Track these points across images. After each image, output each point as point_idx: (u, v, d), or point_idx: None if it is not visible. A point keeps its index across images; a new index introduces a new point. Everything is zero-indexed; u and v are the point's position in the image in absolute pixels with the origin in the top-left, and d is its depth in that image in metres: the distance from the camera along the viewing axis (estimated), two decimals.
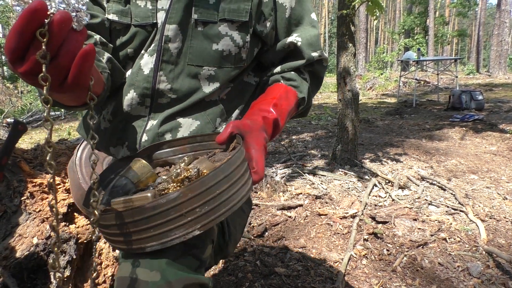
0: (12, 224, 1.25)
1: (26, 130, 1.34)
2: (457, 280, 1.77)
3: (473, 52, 32.79)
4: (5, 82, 12.48)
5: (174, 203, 0.51)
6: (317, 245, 2.12)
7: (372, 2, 2.89)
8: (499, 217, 2.36)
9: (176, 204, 0.51)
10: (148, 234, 0.53)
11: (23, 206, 1.29)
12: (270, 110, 0.74)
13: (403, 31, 22.84)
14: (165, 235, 0.53)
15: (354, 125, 3.45)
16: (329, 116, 6.60)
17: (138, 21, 0.79)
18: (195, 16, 0.77)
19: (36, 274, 1.24)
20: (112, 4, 0.80)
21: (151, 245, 0.53)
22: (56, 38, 0.44)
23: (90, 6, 0.81)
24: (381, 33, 44.33)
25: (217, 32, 0.78)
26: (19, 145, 1.45)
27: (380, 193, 2.87)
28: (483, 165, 3.48)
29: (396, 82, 11.53)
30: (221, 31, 0.78)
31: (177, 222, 0.52)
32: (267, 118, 0.73)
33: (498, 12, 14.85)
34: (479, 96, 6.85)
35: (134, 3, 0.79)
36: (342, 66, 3.39)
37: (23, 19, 0.41)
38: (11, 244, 1.21)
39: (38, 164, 1.46)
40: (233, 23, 0.78)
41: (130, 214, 0.51)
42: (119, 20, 0.79)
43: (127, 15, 0.79)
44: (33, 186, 1.33)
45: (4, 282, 1.13)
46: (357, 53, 14.99)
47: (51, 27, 0.43)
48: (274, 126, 0.74)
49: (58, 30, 0.43)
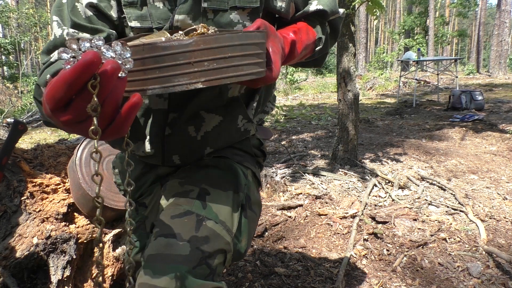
0: (12, 224, 1.25)
1: (26, 130, 1.34)
2: (457, 280, 1.77)
3: (473, 52, 32.80)
4: (5, 82, 12.48)
5: (185, 49, 0.51)
6: (317, 245, 2.12)
7: (372, 2, 2.89)
8: (499, 217, 2.36)
9: (186, 51, 0.51)
10: (152, 75, 0.52)
11: (23, 206, 1.29)
12: (289, 34, 0.75)
13: (403, 31, 22.85)
14: (169, 79, 0.52)
15: (354, 125, 3.45)
16: (329, 116, 6.60)
17: (161, 23, 0.77)
18: (205, 5, 0.75)
19: (36, 274, 1.24)
20: (130, 10, 0.77)
21: (153, 87, 0.52)
22: (105, 89, 0.43)
23: (95, 20, 0.77)
24: (381, 33, 44.33)
25: (228, 20, 0.77)
26: (19, 145, 1.45)
27: (380, 193, 2.87)
28: (483, 165, 3.48)
29: (396, 82, 11.53)
30: (233, 19, 0.77)
31: (184, 69, 0.52)
32: (286, 37, 0.73)
33: (498, 12, 14.85)
34: (479, 96, 6.85)
35: (152, 5, 0.76)
36: (342, 66, 3.39)
37: (77, 71, 0.40)
38: (11, 244, 1.21)
39: (38, 164, 1.46)
40: (244, 9, 0.77)
41: (140, 50, 0.51)
42: (141, 26, 0.77)
43: (146, 19, 0.77)
44: (33, 186, 1.33)
45: (4, 282, 1.13)
46: (357, 53, 15.00)
47: (103, 78, 0.42)
48: (291, 47, 0.74)
49: (108, 82, 0.43)
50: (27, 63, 23.96)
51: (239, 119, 0.84)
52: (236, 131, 0.85)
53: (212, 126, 0.81)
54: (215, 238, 0.70)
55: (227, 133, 0.84)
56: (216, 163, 0.84)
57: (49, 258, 1.22)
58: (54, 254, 1.23)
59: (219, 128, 0.82)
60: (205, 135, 0.82)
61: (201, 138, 0.82)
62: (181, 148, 0.83)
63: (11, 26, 16.63)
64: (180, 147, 0.82)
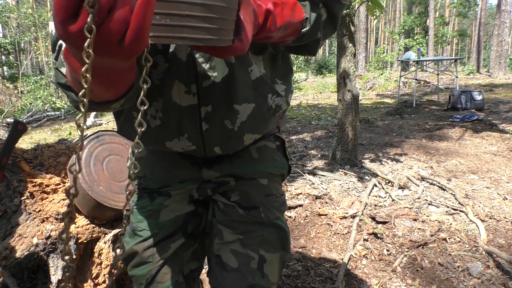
0: (12, 224, 1.25)
1: (26, 130, 1.34)
2: (457, 280, 1.77)
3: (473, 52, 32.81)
4: (5, 82, 12.48)
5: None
6: (317, 245, 2.12)
7: (372, 2, 2.89)
8: (499, 217, 2.36)
9: None
10: None
11: (23, 206, 1.29)
12: (267, 4, 0.68)
13: (403, 31, 22.85)
14: None
15: (354, 125, 3.45)
16: (329, 116, 6.60)
17: None
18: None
19: (36, 274, 1.24)
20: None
21: None
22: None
23: None
24: (381, 33, 44.33)
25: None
26: (19, 145, 1.45)
27: (380, 193, 2.87)
28: (483, 165, 3.48)
29: (396, 82, 11.53)
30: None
31: None
32: (260, 6, 0.66)
33: (498, 13, 14.85)
34: (479, 96, 6.85)
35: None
36: (342, 67, 3.39)
37: None
38: (11, 244, 1.21)
39: (38, 164, 1.46)
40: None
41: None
42: None
43: None
44: (33, 186, 1.33)
45: (4, 282, 1.13)
46: (357, 53, 15.00)
47: None
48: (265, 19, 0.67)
49: None
50: (27, 63, 23.95)
51: (268, 97, 0.83)
52: (268, 110, 0.84)
53: (246, 116, 0.81)
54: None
55: (260, 117, 0.84)
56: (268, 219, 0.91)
57: (49, 258, 1.22)
58: (54, 254, 1.23)
59: (253, 114, 0.82)
60: (241, 125, 0.82)
61: (238, 129, 0.82)
62: (221, 140, 0.83)
63: (10, 26, 16.63)
64: (219, 139, 0.83)
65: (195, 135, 0.81)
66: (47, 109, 9.22)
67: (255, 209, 0.91)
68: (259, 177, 0.92)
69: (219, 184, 0.92)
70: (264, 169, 0.93)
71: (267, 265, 0.90)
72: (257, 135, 0.87)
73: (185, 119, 0.80)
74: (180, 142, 0.82)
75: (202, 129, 0.80)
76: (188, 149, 0.84)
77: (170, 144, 0.83)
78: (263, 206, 0.92)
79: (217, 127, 0.81)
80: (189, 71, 0.77)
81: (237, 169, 0.91)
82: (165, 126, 0.81)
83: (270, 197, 0.94)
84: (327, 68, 24.01)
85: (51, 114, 8.61)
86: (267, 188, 0.94)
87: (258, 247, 0.90)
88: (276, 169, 0.95)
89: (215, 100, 0.79)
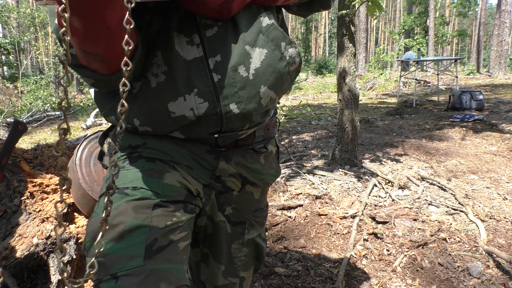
0: (12, 224, 1.25)
1: (26, 130, 1.34)
2: (457, 280, 1.77)
3: (473, 52, 32.79)
4: (5, 82, 12.48)
5: None
6: (317, 245, 2.12)
7: (372, 2, 2.89)
8: (499, 217, 2.36)
9: None
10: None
11: (23, 206, 1.29)
12: None
13: (403, 31, 22.84)
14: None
15: (354, 125, 3.45)
16: (329, 116, 6.60)
17: None
18: None
19: (36, 274, 1.24)
20: None
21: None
22: None
23: None
24: (381, 33, 44.33)
25: None
26: (19, 145, 1.45)
27: (380, 193, 2.87)
28: (483, 165, 3.48)
29: (396, 82, 11.53)
30: None
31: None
32: None
33: (498, 13, 14.85)
34: (479, 96, 6.85)
35: None
36: (342, 66, 3.39)
37: None
38: (11, 244, 1.21)
39: (38, 164, 1.46)
40: None
41: None
42: None
43: None
44: (33, 186, 1.33)
45: (4, 282, 1.13)
46: (357, 53, 14.99)
47: None
48: None
49: None
50: (27, 63, 23.94)
51: (282, 46, 0.77)
52: (281, 60, 0.77)
53: (260, 61, 0.74)
54: None
55: (274, 68, 0.77)
56: (248, 238, 0.94)
57: (49, 258, 1.22)
58: (54, 254, 1.23)
59: (267, 61, 0.75)
60: (256, 72, 0.74)
61: (253, 76, 0.74)
62: (236, 92, 0.74)
63: (10, 26, 16.63)
64: (234, 91, 0.74)
65: (207, 88, 0.72)
66: (47, 109, 9.22)
67: (242, 224, 0.92)
68: (262, 183, 0.92)
69: (227, 188, 0.86)
70: (264, 178, 0.92)
71: (245, 283, 0.98)
72: (273, 94, 0.79)
73: (193, 73, 0.72)
74: (186, 102, 0.72)
75: (213, 79, 0.72)
76: (199, 111, 0.73)
77: (174, 105, 0.72)
78: (249, 221, 0.93)
79: (230, 77, 0.72)
80: (190, 22, 0.72)
81: (249, 171, 0.87)
82: (171, 81, 0.72)
83: (256, 212, 0.95)
84: (327, 68, 24.03)
85: (51, 114, 8.61)
86: (258, 203, 0.95)
87: (239, 272, 0.96)
88: (272, 178, 0.95)
89: (223, 49, 0.72)
